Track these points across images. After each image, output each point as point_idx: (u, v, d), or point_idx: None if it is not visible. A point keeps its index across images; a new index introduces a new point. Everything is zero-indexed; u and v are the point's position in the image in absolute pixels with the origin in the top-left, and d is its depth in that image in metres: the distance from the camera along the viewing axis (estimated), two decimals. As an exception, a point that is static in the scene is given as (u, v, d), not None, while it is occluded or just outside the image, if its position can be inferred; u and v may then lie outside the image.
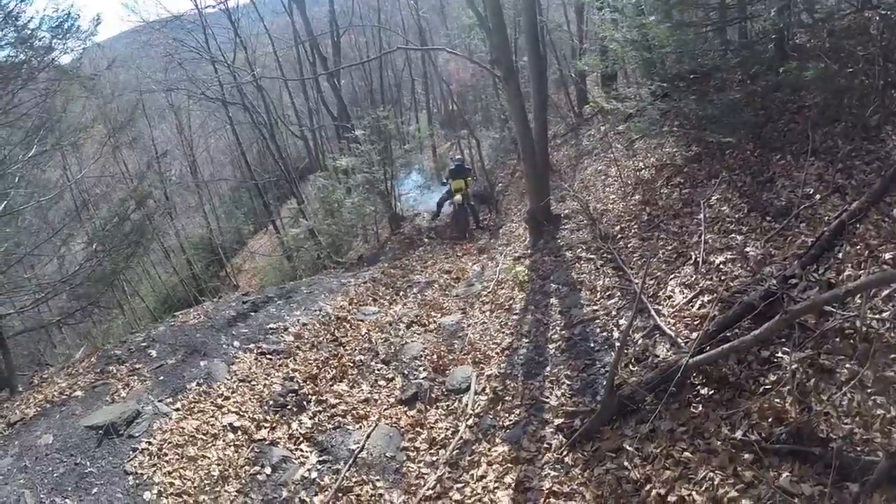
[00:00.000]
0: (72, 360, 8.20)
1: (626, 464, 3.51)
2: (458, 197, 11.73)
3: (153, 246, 19.59)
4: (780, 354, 3.46)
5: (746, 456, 3.08)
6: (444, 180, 12.56)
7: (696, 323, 4.30)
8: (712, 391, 3.59)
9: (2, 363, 7.65)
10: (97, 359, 6.78)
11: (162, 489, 4.55)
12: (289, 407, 5.51)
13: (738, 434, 3.20)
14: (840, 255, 3.83)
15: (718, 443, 3.23)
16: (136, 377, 6.04)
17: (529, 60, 8.05)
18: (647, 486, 3.28)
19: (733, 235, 4.94)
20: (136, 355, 6.50)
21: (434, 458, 4.56)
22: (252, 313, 7.46)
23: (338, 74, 16.74)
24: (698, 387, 3.67)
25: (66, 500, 4.52)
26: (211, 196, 24.71)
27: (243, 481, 4.63)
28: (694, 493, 3.08)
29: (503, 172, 15.08)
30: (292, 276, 13.21)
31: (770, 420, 3.16)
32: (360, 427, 5.12)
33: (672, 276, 5.06)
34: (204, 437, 5.11)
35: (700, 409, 3.52)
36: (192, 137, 22.42)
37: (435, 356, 5.97)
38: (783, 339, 3.53)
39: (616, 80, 11.89)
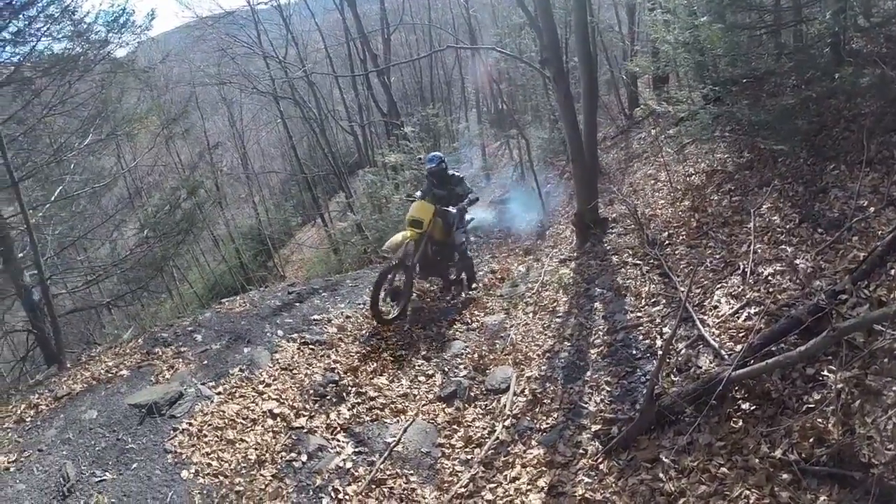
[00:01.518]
0: (120, 340, 8.52)
1: (661, 475, 3.48)
2: (395, 239, 6.79)
3: (203, 234, 20.16)
4: (825, 373, 3.38)
5: (784, 476, 3.02)
6: (416, 195, 7.70)
7: (741, 335, 4.23)
8: (754, 406, 3.52)
9: (52, 340, 8.03)
10: (144, 340, 7.04)
11: (199, 469, 4.72)
12: (328, 397, 5.62)
13: (778, 453, 3.13)
14: (893, 272, 3.71)
15: (757, 460, 3.18)
16: (180, 360, 6.27)
17: (580, 61, 7.98)
18: (681, 500, 3.25)
19: (783, 246, 4.84)
20: (181, 339, 6.74)
21: (469, 457, 4.60)
22: (297, 304, 7.63)
23: (388, 71, 16.88)
24: (740, 401, 3.61)
25: (106, 473, 4.71)
26: (261, 188, 25.26)
27: (279, 467, 4.75)
28: None
29: (552, 173, 15.00)
30: (338, 269, 13.38)
31: (811, 440, 3.09)
32: (398, 421, 5.19)
33: (719, 285, 4.98)
34: (243, 422, 5.27)
35: (740, 424, 3.46)
36: (243, 130, 22.95)
37: (476, 355, 6.00)
38: (830, 357, 3.44)
39: (668, 82, 11.71)
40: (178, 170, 20.85)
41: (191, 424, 5.19)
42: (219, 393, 5.66)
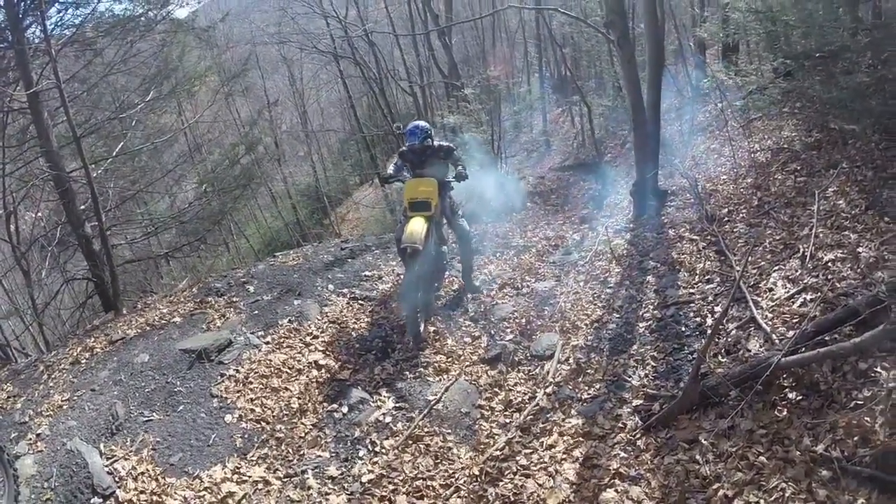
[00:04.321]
0: (174, 289, 8.84)
1: (698, 457, 3.42)
2: (414, 227, 5.62)
3: (261, 190, 20.63)
4: (878, 369, 3.23)
5: (824, 472, 2.92)
6: (386, 174, 6.61)
7: (794, 321, 4.08)
8: (800, 397, 3.41)
9: (110, 289, 8.39)
10: (198, 290, 7.33)
11: (243, 414, 4.92)
12: (373, 352, 5.71)
13: (820, 448, 3.03)
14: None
15: (797, 453, 3.09)
16: (232, 309, 6.51)
17: (646, 25, 7.71)
18: (716, 485, 3.19)
19: (847, 233, 4.63)
20: (234, 289, 6.98)
21: (508, 421, 4.60)
22: (349, 259, 7.76)
23: (449, 32, 16.70)
24: (787, 389, 3.50)
25: (154, 414, 4.97)
26: (319, 146, 25.53)
27: (320, 416, 4.90)
28: (762, 501, 2.97)
29: (613, 142, 14.70)
30: (393, 229, 13.48)
31: (856, 439, 2.97)
32: (440, 380, 5.23)
33: (776, 267, 4.81)
34: (289, 371, 5.45)
35: (784, 413, 3.36)
36: (303, 89, 23.13)
37: (523, 320, 5.97)
38: (884, 354, 3.27)
39: (737, 53, 11.23)
40: (238, 126, 21.22)
41: (238, 371, 5.41)
42: (267, 342, 5.85)
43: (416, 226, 5.65)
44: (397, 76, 19.74)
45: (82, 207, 9.21)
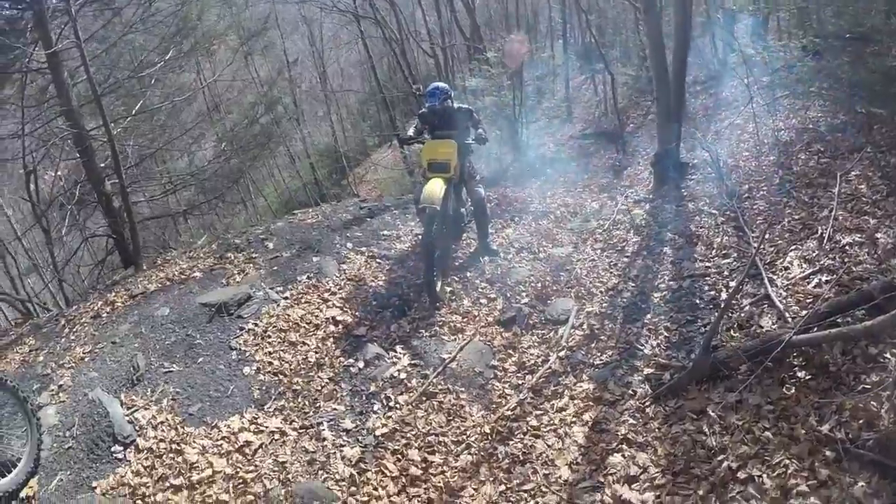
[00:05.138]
0: (194, 245, 8.97)
1: (705, 428, 3.48)
2: (433, 188, 5.72)
3: (279, 150, 20.61)
4: (888, 355, 3.26)
5: (827, 453, 2.97)
6: (406, 136, 6.70)
7: (808, 301, 4.10)
8: (809, 376, 3.45)
9: (130, 245, 8.53)
10: (217, 245, 7.47)
11: (261, 366, 5.05)
12: (390, 310, 5.81)
13: (825, 428, 3.07)
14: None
15: (802, 431, 3.13)
16: (251, 265, 6.62)
17: None
18: (720, 457, 3.25)
19: (866, 217, 4.62)
20: (253, 246, 7.09)
21: (520, 382, 4.70)
22: (368, 219, 7.82)
23: (473, -7, 16.47)
24: (796, 368, 3.54)
25: (174, 365, 5.12)
26: (339, 107, 25.38)
27: (336, 370, 5.02)
28: (765, 476, 3.03)
29: (636, 113, 14.52)
30: (411, 191, 13.49)
31: (861, 422, 3.01)
32: (455, 339, 5.32)
33: (793, 247, 4.82)
34: (306, 326, 5.56)
35: (793, 391, 3.40)
36: (322, 49, 22.89)
37: (539, 284, 6.02)
38: (895, 340, 3.31)
39: (767, 28, 11.00)
40: (257, 86, 21.12)
41: (256, 325, 5.53)
42: (285, 297, 5.96)
43: (435, 187, 5.72)
44: (418, 37, 19.50)
45: (102, 165, 9.29)
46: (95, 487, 4.04)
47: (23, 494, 3.95)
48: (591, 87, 18.11)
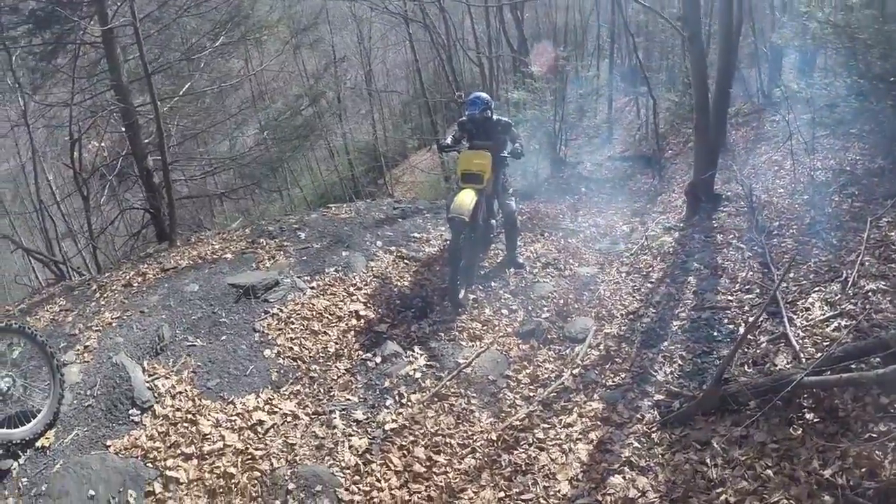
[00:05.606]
0: (228, 228, 9.18)
1: (707, 459, 3.51)
2: (464, 199, 5.77)
3: (319, 143, 20.87)
4: None
5: (826, 497, 2.97)
6: (444, 143, 6.63)
7: (825, 343, 4.10)
8: (817, 419, 3.45)
9: (166, 220, 8.76)
10: (251, 230, 7.66)
11: (281, 351, 5.21)
12: (412, 310, 5.91)
13: (827, 472, 3.07)
14: None
15: (804, 473, 3.14)
16: (282, 253, 6.81)
17: (719, 24, 7.54)
18: (720, 489, 3.28)
19: (892, 265, 4.59)
20: (286, 234, 7.29)
21: (531, 394, 4.76)
22: (400, 219, 7.94)
23: (522, 7, 16.48)
24: (805, 409, 3.55)
25: (197, 340, 5.30)
26: (382, 106, 25.62)
27: (354, 363, 5.15)
28: None
29: (676, 139, 14.47)
30: (445, 196, 13.59)
31: (863, 470, 3.01)
32: (473, 346, 5.40)
33: (817, 288, 4.80)
34: (329, 317, 5.70)
35: (799, 432, 3.41)
36: (370, 48, 23.15)
37: (561, 301, 6.06)
38: (907, 393, 3.30)
39: (814, 65, 10.89)
40: (303, 78, 21.43)
41: (281, 311, 5.69)
42: (312, 287, 6.12)
43: (466, 198, 5.78)
44: (466, 45, 19.63)
45: (146, 141, 9.59)
46: (109, 446, 4.22)
47: (38, 444, 4.16)
48: (633, 109, 18.10)
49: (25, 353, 4.73)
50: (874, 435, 3.18)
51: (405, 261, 6.78)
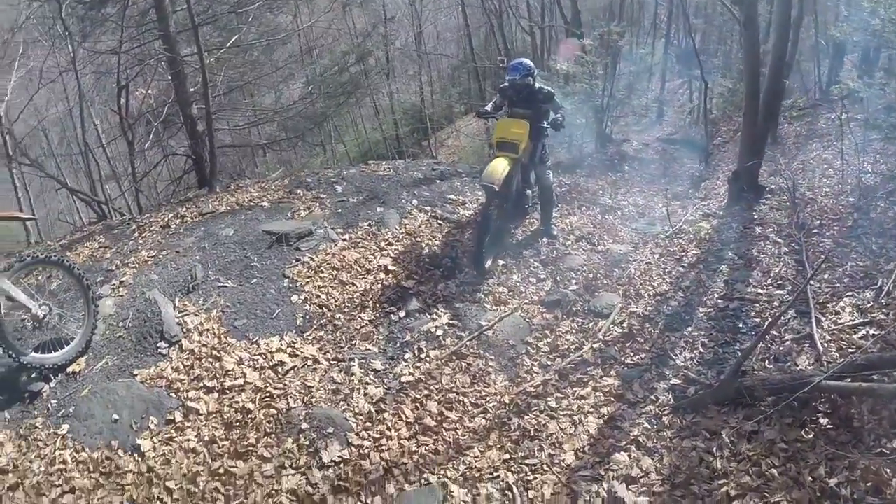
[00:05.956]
0: (268, 177, 9.33)
1: (714, 450, 3.52)
2: (496, 167, 5.67)
3: (365, 101, 20.82)
4: None
5: None
6: (484, 110, 6.57)
7: (850, 350, 4.05)
8: (831, 426, 3.43)
9: (207, 167, 8.94)
10: (289, 181, 7.79)
11: (308, 297, 5.33)
12: (441, 270, 5.93)
13: (832, 481, 3.06)
14: None
15: (809, 478, 3.13)
16: (318, 204, 6.92)
17: (777, 10, 7.29)
18: (722, 481, 3.30)
19: (931, 278, 4.49)
20: (323, 186, 7.40)
21: (549, 363, 4.78)
22: (438, 181, 7.96)
23: (578, -23, 16.14)
24: (820, 414, 3.52)
25: (229, 281, 5.47)
26: (430, 69, 25.45)
27: (378, 315, 5.24)
28: None
29: (727, 126, 14.14)
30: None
31: (869, 485, 2.99)
32: (497, 310, 5.41)
33: (850, 293, 4.73)
34: (358, 269, 5.79)
35: (810, 436, 3.39)
36: (421, 10, 22.93)
37: (591, 275, 6.03)
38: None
39: (877, 65, 10.48)
40: (352, 36, 21.26)
41: (312, 259, 5.82)
42: (344, 239, 6.22)
43: (499, 166, 5.67)
44: (518, 13, 19.31)
45: (192, 90, 9.74)
46: (136, 375, 4.43)
47: (70, 370, 4.39)
48: (687, 92, 17.69)
49: (63, 285, 4.95)
50: (885, 451, 3.16)
51: (439, 221, 6.80)
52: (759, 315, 4.94)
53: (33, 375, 4.26)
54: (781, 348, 4.35)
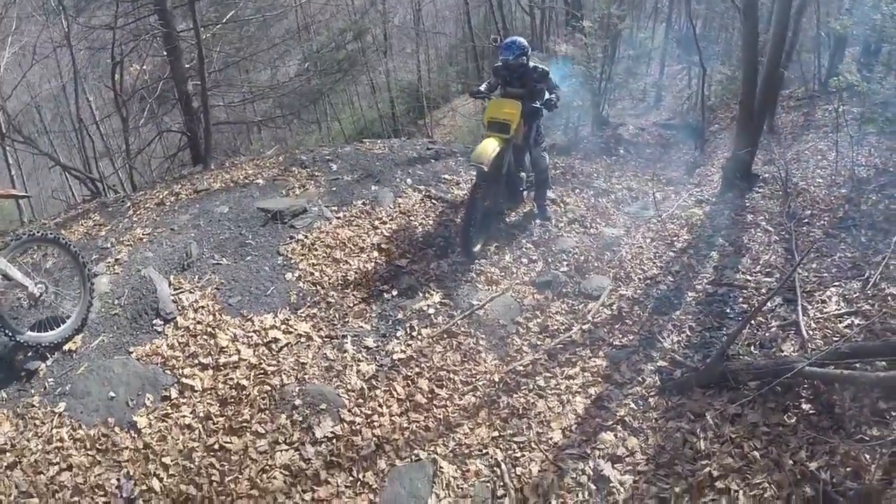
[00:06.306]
0: (262, 155, 9.33)
1: (698, 431, 3.61)
2: (485, 148, 5.57)
3: (361, 78, 20.69)
4: (895, 414, 3.29)
5: (807, 489, 3.04)
6: (477, 89, 6.46)
7: (834, 339, 4.11)
8: (813, 411, 3.50)
9: (202, 144, 8.93)
10: (284, 158, 7.83)
11: (301, 275, 5.41)
12: (434, 249, 6.00)
13: (813, 465, 3.13)
14: None
15: (790, 462, 3.21)
16: (312, 182, 6.97)
17: (778, 1, 7.29)
18: (705, 462, 3.38)
19: (918, 273, 4.54)
20: (318, 164, 7.43)
21: (539, 343, 4.87)
22: (432, 160, 8.00)
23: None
24: (802, 399, 3.59)
25: (223, 259, 5.53)
26: (428, 47, 25.20)
27: (370, 292, 5.31)
28: (742, 492, 3.15)
29: (724, 114, 14.08)
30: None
31: (848, 469, 3.06)
32: (488, 290, 5.49)
33: (837, 283, 4.79)
34: (352, 247, 5.86)
35: (793, 421, 3.47)
36: (420, -14, 22.71)
37: (582, 258, 6.10)
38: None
39: (877, 59, 10.46)
40: (349, 13, 21.15)
41: (306, 237, 5.88)
42: (338, 217, 6.28)
43: (489, 146, 5.58)
44: (518, -7, 19.18)
45: (187, 66, 9.66)
46: (132, 352, 4.51)
47: (66, 348, 4.46)
48: (685, 78, 17.62)
49: (59, 263, 5.02)
50: (865, 437, 3.22)
51: (433, 200, 6.86)
52: (746, 301, 5.01)
53: (30, 354, 4.33)
54: (767, 334, 4.42)
